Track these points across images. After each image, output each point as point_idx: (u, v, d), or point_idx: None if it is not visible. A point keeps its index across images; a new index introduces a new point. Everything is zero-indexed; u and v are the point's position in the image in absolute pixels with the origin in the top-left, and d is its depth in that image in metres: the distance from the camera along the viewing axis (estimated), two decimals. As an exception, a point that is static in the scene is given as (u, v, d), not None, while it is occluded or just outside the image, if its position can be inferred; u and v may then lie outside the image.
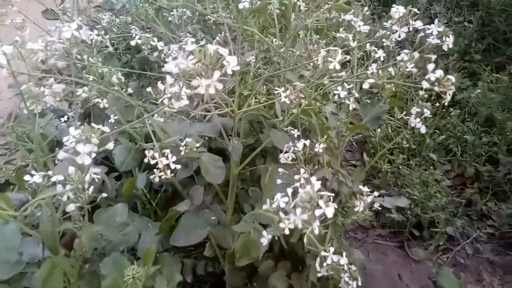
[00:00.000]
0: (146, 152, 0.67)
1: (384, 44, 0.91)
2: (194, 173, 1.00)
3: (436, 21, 0.67)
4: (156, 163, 0.70)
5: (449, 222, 1.39)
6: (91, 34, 0.86)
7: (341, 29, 0.93)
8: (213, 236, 0.82)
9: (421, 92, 0.67)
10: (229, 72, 0.43)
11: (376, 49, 0.82)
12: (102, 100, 0.83)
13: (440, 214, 1.34)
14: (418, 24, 0.65)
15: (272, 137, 0.84)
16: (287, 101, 0.68)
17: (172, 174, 0.70)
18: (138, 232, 0.95)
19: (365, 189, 0.76)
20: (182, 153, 0.80)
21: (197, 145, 0.83)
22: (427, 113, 0.82)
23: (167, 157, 0.66)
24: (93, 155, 0.48)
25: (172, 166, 0.66)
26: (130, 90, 0.94)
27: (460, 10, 2.58)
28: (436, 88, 0.64)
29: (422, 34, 0.67)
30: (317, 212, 0.48)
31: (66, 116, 1.01)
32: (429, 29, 0.67)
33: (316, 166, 0.81)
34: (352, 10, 0.90)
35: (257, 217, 0.80)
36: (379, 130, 0.94)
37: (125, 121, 0.94)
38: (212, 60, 0.43)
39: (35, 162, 0.63)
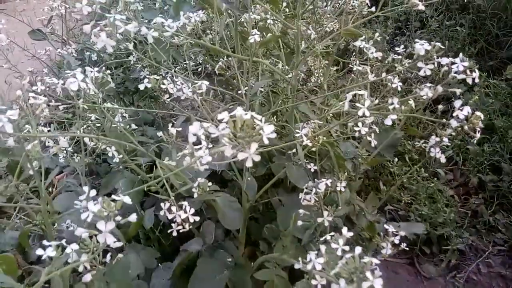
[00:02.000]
0: (162, 204, 0.63)
1: (397, 68, 0.89)
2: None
3: (460, 55, 0.65)
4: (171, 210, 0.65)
5: (460, 237, 1.37)
6: (91, 71, 0.81)
7: (352, 57, 0.90)
8: (232, 283, 0.78)
9: (449, 130, 0.64)
10: (266, 141, 0.40)
11: (392, 78, 0.79)
12: (110, 148, 0.78)
13: (450, 231, 1.32)
14: (444, 61, 0.62)
15: (288, 173, 0.81)
16: (309, 144, 0.64)
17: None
18: (144, 265, 0.90)
19: (391, 228, 0.73)
20: (195, 195, 0.75)
21: (210, 184, 0.79)
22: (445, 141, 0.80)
23: (185, 210, 0.62)
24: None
25: (191, 219, 0.62)
26: (133, 126, 0.90)
27: (451, 13, 2.59)
28: (465, 127, 0.62)
29: (445, 68, 0.64)
30: (365, 285, 0.44)
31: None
32: (454, 63, 0.64)
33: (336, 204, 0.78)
34: (363, 36, 0.87)
35: (278, 261, 0.76)
36: (396, 159, 0.91)
37: (127, 156, 0.90)
38: (247, 131, 0.39)
39: (42, 224, 0.58)
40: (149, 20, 1.22)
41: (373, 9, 0.93)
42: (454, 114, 0.63)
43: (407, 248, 1.42)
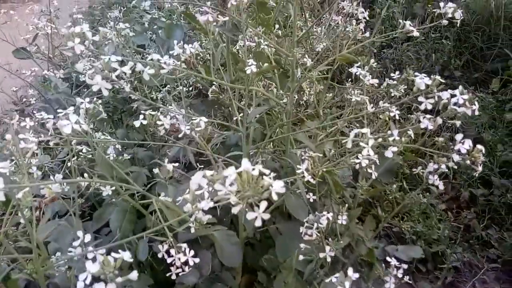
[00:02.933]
0: (160, 247, 0.61)
1: (393, 94, 0.89)
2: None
3: (460, 87, 0.65)
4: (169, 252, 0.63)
5: (455, 254, 1.38)
6: (82, 103, 0.78)
7: (347, 83, 0.90)
8: (232, 320, 0.76)
9: (451, 164, 0.64)
10: (275, 197, 0.38)
11: (389, 106, 0.79)
12: (105, 187, 0.75)
13: (445, 248, 1.33)
14: (445, 95, 0.62)
15: (287, 203, 0.79)
16: (311, 180, 0.63)
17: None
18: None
19: (393, 261, 0.72)
20: (192, 230, 0.73)
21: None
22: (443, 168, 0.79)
23: (184, 253, 0.60)
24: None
25: (191, 262, 0.60)
26: (126, 156, 0.87)
27: (436, 26, 2.63)
28: (467, 161, 0.61)
29: (445, 101, 0.64)
30: None
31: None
32: (454, 95, 0.63)
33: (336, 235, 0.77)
34: (359, 63, 0.86)
35: (279, 296, 0.74)
36: (394, 186, 0.91)
37: (119, 186, 0.87)
38: (256, 189, 0.37)
39: (34, 273, 0.55)
40: (139, 45, 1.20)
41: (367, 34, 0.93)
42: (456, 148, 0.62)
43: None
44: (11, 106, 2.03)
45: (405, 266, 0.73)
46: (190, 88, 1.30)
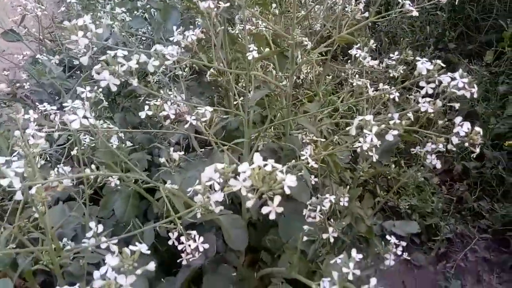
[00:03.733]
0: (170, 234, 0.63)
1: (391, 75, 0.89)
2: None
3: (460, 71, 0.65)
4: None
5: (448, 227, 1.43)
6: (83, 92, 0.78)
7: (348, 64, 0.90)
8: (239, 299, 0.80)
9: (450, 146, 0.66)
10: (287, 191, 0.40)
11: (388, 88, 0.80)
12: (113, 178, 0.76)
13: (439, 221, 1.37)
14: (445, 80, 0.63)
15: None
16: (315, 165, 0.65)
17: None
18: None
19: (393, 239, 0.75)
20: (198, 215, 0.75)
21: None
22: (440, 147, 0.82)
23: (194, 239, 0.62)
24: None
25: (201, 248, 0.62)
26: (128, 143, 0.88)
27: (431, -3, 2.60)
28: (466, 144, 0.63)
29: (445, 84, 0.65)
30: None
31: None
32: (454, 79, 0.64)
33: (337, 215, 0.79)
34: (358, 44, 0.87)
35: (284, 275, 0.77)
36: (393, 166, 0.93)
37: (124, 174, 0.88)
38: (270, 184, 0.39)
39: (50, 264, 0.57)
40: (136, 29, 1.18)
41: (366, 14, 0.92)
42: (455, 131, 0.64)
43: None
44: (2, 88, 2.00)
45: (403, 243, 0.76)
46: (186, 70, 1.29)
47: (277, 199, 0.39)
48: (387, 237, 0.76)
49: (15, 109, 0.58)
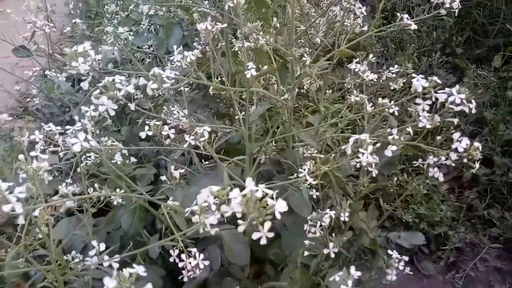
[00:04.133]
0: (171, 251, 0.64)
1: (391, 88, 0.89)
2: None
3: (457, 87, 0.65)
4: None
5: (457, 235, 1.41)
6: (87, 111, 0.80)
7: (347, 78, 0.91)
8: (242, 313, 0.80)
9: (448, 162, 0.66)
10: (278, 216, 0.40)
11: (387, 102, 0.80)
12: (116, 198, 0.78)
13: (448, 230, 1.36)
14: (441, 96, 0.63)
15: (291, 201, 0.81)
16: (313, 182, 0.65)
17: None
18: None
19: (395, 254, 0.75)
20: (201, 231, 0.76)
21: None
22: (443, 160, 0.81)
23: (194, 256, 0.63)
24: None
25: (201, 265, 0.63)
26: (133, 159, 0.89)
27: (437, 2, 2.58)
28: (464, 160, 0.63)
29: (443, 100, 0.65)
30: None
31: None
32: (451, 95, 0.64)
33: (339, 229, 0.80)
34: (357, 59, 0.87)
35: (286, 290, 0.78)
36: (395, 179, 0.93)
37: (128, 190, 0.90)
38: (260, 210, 0.40)
39: (55, 281, 0.59)
40: (138, 47, 1.21)
41: (365, 28, 0.93)
42: (453, 147, 0.64)
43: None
44: (13, 102, 2.05)
45: (406, 258, 0.76)
46: (188, 86, 1.31)
47: (267, 225, 0.40)
48: (389, 251, 0.76)
49: (20, 132, 0.60)
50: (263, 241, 0.40)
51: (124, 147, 0.83)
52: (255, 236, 0.40)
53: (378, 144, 0.58)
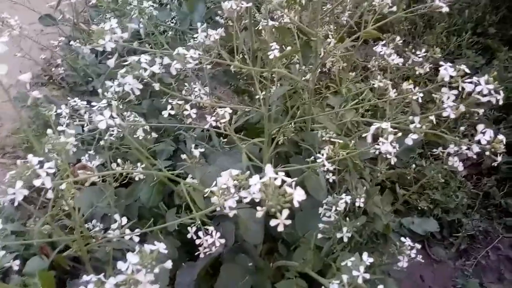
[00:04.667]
0: (189, 228, 0.66)
1: (417, 72, 0.87)
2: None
3: (486, 76, 0.63)
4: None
5: (471, 223, 1.40)
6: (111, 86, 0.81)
7: (371, 61, 0.89)
8: (254, 288, 0.83)
9: (470, 154, 0.65)
10: (296, 205, 0.41)
11: (412, 88, 0.78)
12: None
13: (462, 217, 1.35)
14: (468, 86, 0.61)
15: (307, 183, 0.82)
16: (330, 167, 0.66)
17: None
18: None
19: (408, 241, 0.76)
20: (218, 208, 0.78)
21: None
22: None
23: (211, 234, 0.65)
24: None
25: (218, 243, 0.65)
26: (154, 135, 0.91)
27: (472, -23, 2.45)
28: (487, 153, 0.62)
29: (469, 89, 0.63)
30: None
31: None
32: (478, 84, 0.63)
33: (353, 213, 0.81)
34: (384, 41, 0.85)
35: (297, 269, 0.80)
36: (413, 166, 0.92)
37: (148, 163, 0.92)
38: (278, 198, 0.41)
39: (79, 250, 0.62)
40: (162, 21, 1.20)
41: (394, 8, 0.89)
42: (476, 139, 0.63)
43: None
44: (38, 69, 2.09)
45: (418, 246, 0.76)
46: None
47: (285, 212, 0.41)
48: (402, 239, 0.77)
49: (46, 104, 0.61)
50: (280, 228, 0.41)
51: (145, 124, 0.84)
52: (272, 223, 0.41)
53: (400, 134, 0.57)
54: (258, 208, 0.41)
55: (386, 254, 0.86)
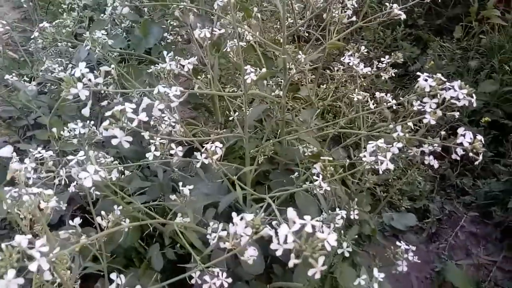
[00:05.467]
0: (193, 274, 0.62)
1: (382, 78, 0.90)
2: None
3: (459, 82, 0.67)
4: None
5: (437, 208, 1.49)
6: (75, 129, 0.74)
7: (338, 69, 0.90)
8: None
9: (454, 156, 0.68)
10: (328, 249, 0.40)
11: (385, 96, 0.81)
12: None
13: (428, 204, 1.43)
14: (448, 94, 0.64)
15: (297, 201, 0.81)
16: (328, 188, 0.65)
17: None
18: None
19: (403, 245, 0.78)
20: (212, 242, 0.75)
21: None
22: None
23: (218, 276, 0.62)
24: None
25: (225, 284, 0.62)
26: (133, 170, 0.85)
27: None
28: (470, 154, 0.65)
29: (446, 96, 0.66)
30: None
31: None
32: (454, 90, 0.66)
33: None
34: (350, 52, 0.86)
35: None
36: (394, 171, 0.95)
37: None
38: (312, 245, 0.39)
39: None
40: (116, 48, 1.12)
41: (354, 18, 0.92)
42: (458, 141, 0.66)
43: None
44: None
45: (413, 248, 0.79)
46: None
47: (321, 259, 0.39)
48: (398, 243, 0.79)
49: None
50: (317, 276, 0.40)
51: (123, 165, 0.78)
52: (310, 272, 0.39)
53: (388, 148, 0.58)
54: (292, 256, 0.39)
55: (378, 257, 0.88)
